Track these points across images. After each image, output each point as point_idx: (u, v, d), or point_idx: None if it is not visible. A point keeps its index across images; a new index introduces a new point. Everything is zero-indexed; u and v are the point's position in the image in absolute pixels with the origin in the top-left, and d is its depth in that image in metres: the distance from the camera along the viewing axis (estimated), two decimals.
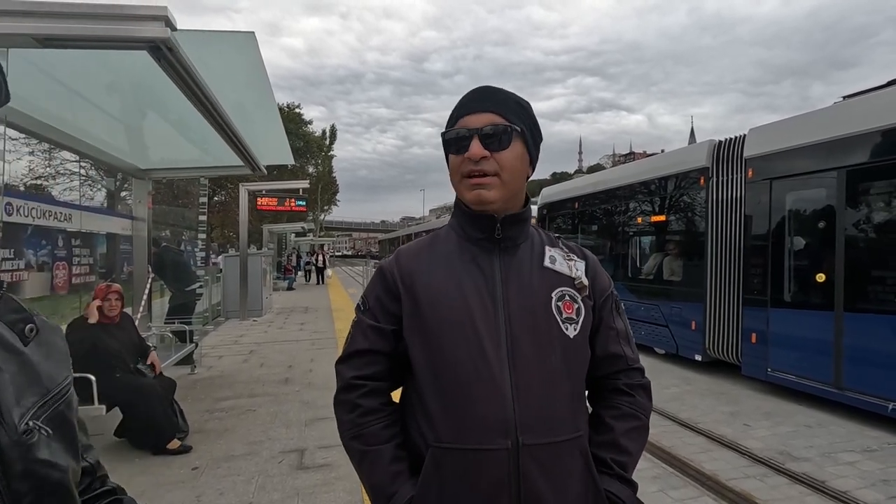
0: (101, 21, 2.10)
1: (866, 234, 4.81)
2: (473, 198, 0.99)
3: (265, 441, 3.91)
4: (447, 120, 1.05)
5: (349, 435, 1.01)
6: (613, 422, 1.03)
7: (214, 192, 23.50)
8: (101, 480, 0.73)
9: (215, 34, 3.54)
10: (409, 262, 1.04)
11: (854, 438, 4.23)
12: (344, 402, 1.03)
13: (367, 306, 1.05)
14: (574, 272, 1.04)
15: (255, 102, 4.76)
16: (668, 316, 7.21)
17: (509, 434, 0.90)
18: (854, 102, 5.24)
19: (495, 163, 0.97)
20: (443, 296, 0.98)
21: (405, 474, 0.96)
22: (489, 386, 0.92)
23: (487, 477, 0.90)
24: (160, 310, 7.24)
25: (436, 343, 0.96)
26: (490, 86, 1.03)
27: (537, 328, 0.96)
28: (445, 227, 1.11)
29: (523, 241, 1.05)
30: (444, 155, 1.06)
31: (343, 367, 1.05)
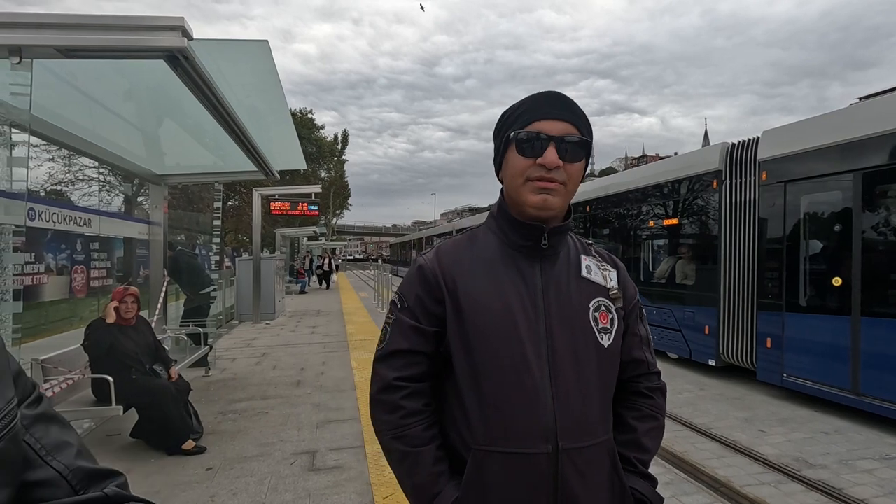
0: (122, 32, 2.17)
1: (884, 237, 4.73)
2: (539, 202, 0.98)
3: (277, 443, 3.95)
4: (509, 119, 1.02)
5: (390, 435, 1.01)
6: (636, 423, 1.08)
7: (228, 197, 23.80)
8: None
9: (230, 43, 3.61)
10: (451, 264, 1.03)
11: (872, 445, 4.15)
12: (385, 403, 1.02)
13: (406, 304, 1.04)
14: (609, 282, 1.07)
15: (269, 109, 4.83)
16: (682, 320, 7.15)
17: (549, 439, 0.93)
18: (870, 104, 5.16)
19: (564, 173, 0.98)
20: (487, 302, 0.99)
21: (447, 475, 0.98)
22: (531, 393, 0.94)
23: (528, 479, 0.93)
24: (175, 312, 7.36)
25: (479, 349, 0.97)
26: (562, 93, 1.02)
27: (575, 338, 0.99)
28: (482, 228, 1.10)
29: (562, 248, 1.07)
30: (497, 155, 1.06)
31: (383, 366, 1.04)
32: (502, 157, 1.04)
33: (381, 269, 14.68)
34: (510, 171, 1.02)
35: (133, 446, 3.90)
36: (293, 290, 18.69)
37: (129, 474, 0.78)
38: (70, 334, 5.30)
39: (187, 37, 2.17)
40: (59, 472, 0.53)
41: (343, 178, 44.63)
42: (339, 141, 43.78)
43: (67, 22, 2.04)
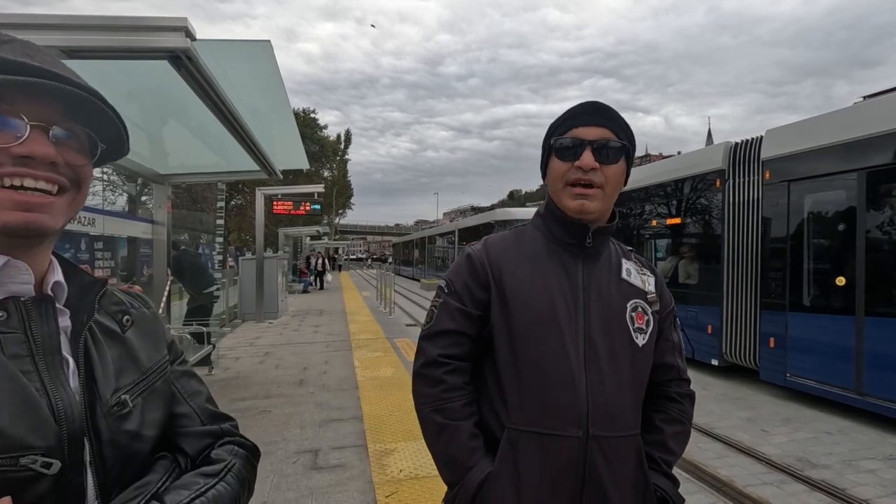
0: (125, 32, 2.17)
1: (888, 236, 4.70)
2: (576, 207, 1.05)
3: (280, 441, 3.96)
4: (553, 128, 1.11)
5: (431, 407, 1.06)
6: (664, 425, 1.13)
7: (231, 197, 23.87)
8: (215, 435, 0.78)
9: (233, 43, 3.62)
10: (497, 254, 1.10)
11: (875, 446, 4.14)
12: (427, 377, 1.07)
13: (453, 289, 1.11)
14: (647, 287, 1.13)
15: (272, 108, 4.84)
16: (684, 320, 7.13)
17: (581, 425, 0.99)
18: (874, 102, 5.14)
19: (602, 175, 1.04)
20: (530, 293, 1.05)
21: (482, 450, 1.04)
22: (567, 380, 1.00)
23: (559, 460, 0.99)
24: (179, 311, 7.39)
25: (521, 337, 1.03)
26: (601, 102, 1.09)
27: (612, 335, 1.05)
28: (529, 225, 1.18)
29: (604, 250, 1.13)
30: (542, 160, 1.15)
31: (428, 343, 1.10)
32: (546, 163, 1.12)
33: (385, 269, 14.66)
34: (552, 176, 1.10)
35: None
36: (296, 290, 18.73)
37: None
38: None
39: (190, 37, 2.17)
40: (193, 409, 0.78)
41: (346, 177, 44.67)
42: (342, 140, 43.82)
43: (71, 23, 2.05)
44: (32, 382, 0.57)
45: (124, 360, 0.69)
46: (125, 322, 0.73)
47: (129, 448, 0.65)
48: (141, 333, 0.74)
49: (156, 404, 0.71)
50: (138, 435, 0.66)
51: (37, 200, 0.60)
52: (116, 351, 0.68)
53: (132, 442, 0.65)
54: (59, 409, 0.58)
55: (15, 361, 0.58)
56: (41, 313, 0.61)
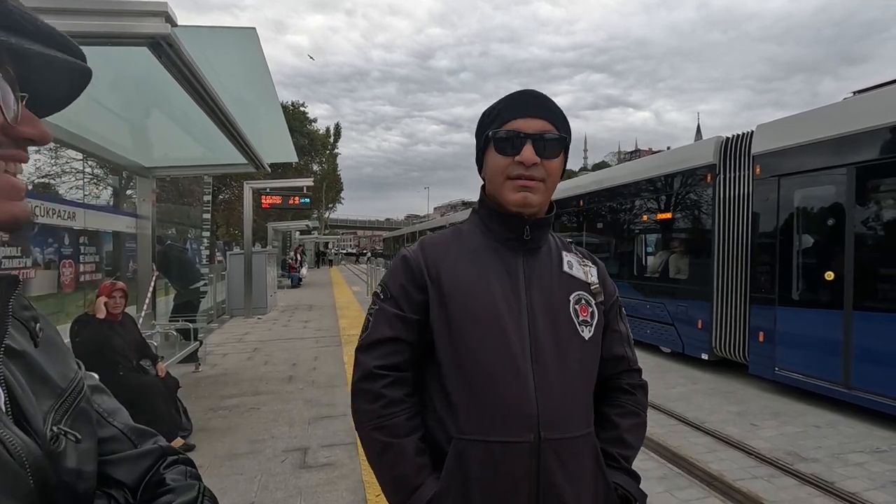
0: (103, 17, 2.08)
1: (876, 231, 4.74)
2: (520, 200, 1.01)
3: (268, 440, 3.91)
4: (488, 118, 1.06)
5: (371, 425, 0.99)
6: (618, 419, 1.09)
7: (219, 190, 23.57)
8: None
9: (216, 30, 3.51)
10: (434, 254, 1.05)
11: (863, 439, 4.18)
12: (366, 392, 1.00)
13: (390, 294, 1.04)
14: (589, 278, 1.09)
15: (258, 99, 4.74)
16: (675, 314, 7.16)
17: (532, 429, 0.93)
18: (863, 98, 5.16)
19: (543, 169, 1.00)
20: (470, 291, 1.00)
21: (429, 467, 0.97)
22: (514, 382, 0.95)
23: (510, 469, 0.93)
24: (165, 308, 7.27)
25: (463, 337, 0.98)
26: (538, 92, 1.05)
27: (557, 329, 1.00)
28: (467, 223, 1.13)
29: (544, 243, 1.09)
30: (478, 153, 1.09)
31: (365, 355, 1.03)
32: (483, 155, 1.07)
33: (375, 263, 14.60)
34: (490, 170, 1.04)
35: None
36: (284, 285, 18.58)
37: None
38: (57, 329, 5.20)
39: (171, 23, 2.09)
40: (121, 430, 0.65)
41: (336, 171, 44.37)
42: (332, 134, 43.48)
43: (44, 6, 1.96)
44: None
45: (36, 380, 0.54)
46: (37, 331, 0.57)
47: (76, 491, 0.53)
48: (49, 346, 0.60)
49: (85, 430, 0.57)
50: (80, 473, 0.54)
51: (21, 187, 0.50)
52: (25, 369, 0.53)
53: (78, 483, 0.53)
54: (21, 455, 0.46)
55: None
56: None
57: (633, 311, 8.01)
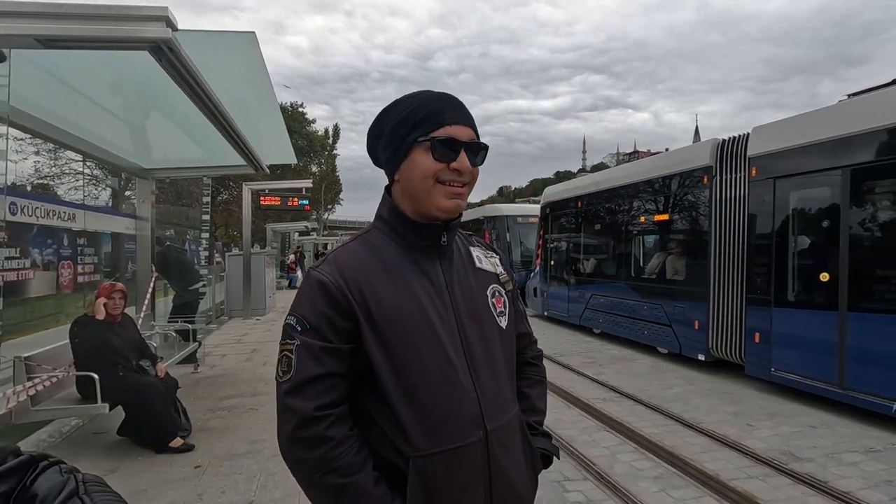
0: (103, 22, 2.11)
1: (871, 233, 4.77)
2: (452, 207, 1.01)
3: (267, 440, 3.92)
4: (413, 120, 1.00)
5: (321, 471, 0.91)
6: (529, 390, 1.20)
7: (218, 192, 23.57)
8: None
9: (216, 34, 3.55)
10: (353, 273, 0.98)
11: (858, 439, 4.21)
12: (307, 439, 0.92)
13: (309, 325, 0.95)
14: (497, 269, 1.16)
15: (257, 102, 4.77)
16: (672, 315, 7.19)
17: (480, 425, 0.98)
18: (859, 101, 5.20)
19: (470, 176, 1.03)
20: (400, 308, 0.97)
21: (389, 495, 0.93)
22: (458, 388, 0.97)
23: (468, 468, 0.96)
24: (164, 308, 7.28)
25: (403, 358, 0.95)
26: (454, 96, 1.05)
27: (482, 325, 1.05)
28: (375, 233, 1.07)
29: (454, 244, 1.11)
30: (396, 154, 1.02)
31: (296, 399, 0.93)
32: (402, 157, 1.01)
33: None
34: (417, 173, 0.99)
35: (120, 444, 3.85)
36: (283, 286, 18.58)
37: (115, 472, 0.77)
38: (55, 331, 5.22)
39: (171, 27, 2.12)
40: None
41: (334, 172, 44.37)
42: (330, 135, 43.50)
43: (46, 11, 1.98)
44: None
45: None
46: None
47: None
48: None
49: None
50: None
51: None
52: None
53: None
54: None
55: None
56: None
57: (631, 311, 8.04)
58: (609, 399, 5.41)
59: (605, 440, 4.25)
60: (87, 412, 3.89)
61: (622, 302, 8.28)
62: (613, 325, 8.52)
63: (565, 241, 10.52)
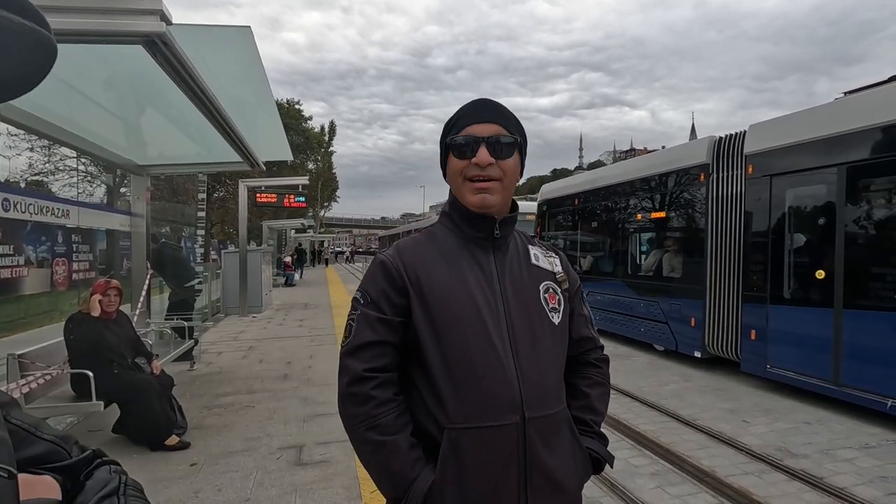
0: (96, 15, 2.08)
1: (866, 230, 4.79)
2: (478, 201, 1.08)
3: (263, 437, 3.91)
4: (448, 127, 1.14)
5: (364, 426, 1.03)
6: (588, 389, 1.21)
7: (214, 189, 23.46)
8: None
9: (211, 28, 3.51)
10: (412, 258, 1.09)
11: (852, 435, 4.23)
12: (355, 395, 1.04)
13: (370, 299, 1.08)
14: (555, 268, 1.20)
15: (253, 98, 4.74)
16: (668, 312, 7.21)
17: (517, 410, 1.02)
18: (854, 99, 5.21)
19: (499, 169, 1.08)
20: (450, 291, 1.06)
21: (423, 460, 1.03)
22: (498, 371, 1.03)
23: (500, 449, 1.01)
24: (160, 306, 7.25)
25: (448, 335, 1.04)
26: (491, 99, 1.14)
27: (531, 317, 1.09)
28: (438, 225, 1.18)
29: (511, 240, 1.17)
30: (441, 159, 1.16)
31: (351, 359, 1.06)
32: (445, 161, 1.14)
33: None
34: (451, 173, 1.12)
35: (115, 442, 3.83)
36: (279, 283, 18.53)
37: None
38: (49, 328, 5.19)
39: (166, 21, 2.09)
40: (53, 442, 0.62)
41: (331, 169, 44.24)
42: (327, 132, 43.35)
43: (38, 3, 1.96)
44: None
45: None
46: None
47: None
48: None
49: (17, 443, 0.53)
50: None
51: None
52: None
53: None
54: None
55: None
56: None
57: (627, 309, 8.06)
58: None
59: None
60: (81, 410, 3.87)
61: (619, 299, 8.30)
62: (610, 322, 8.54)
63: (562, 239, 10.53)
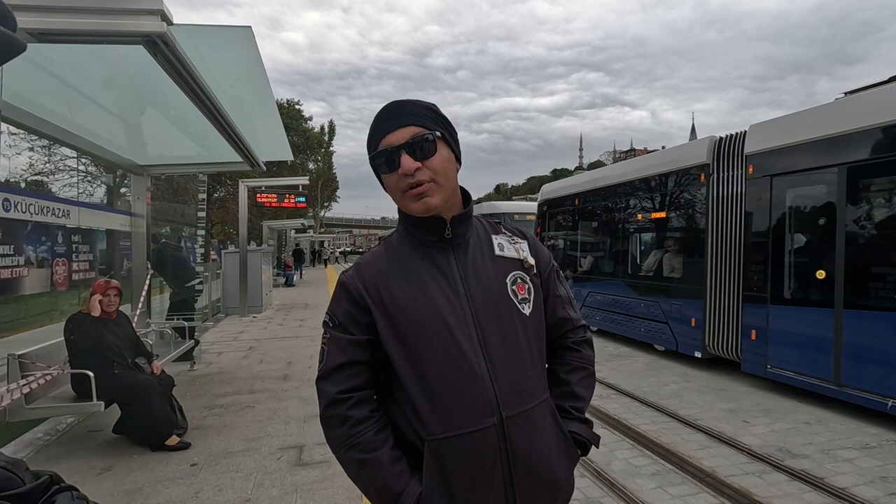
0: (97, 15, 2.08)
1: (866, 231, 4.79)
2: (420, 207, 1.05)
3: (264, 437, 3.91)
4: (368, 145, 1.10)
5: (345, 446, 1.04)
6: (567, 376, 1.20)
7: (214, 189, 23.46)
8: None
9: (212, 28, 3.51)
10: (370, 274, 1.09)
11: (853, 435, 4.23)
12: (332, 417, 1.05)
13: (337, 321, 1.09)
14: (522, 254, 1.16)
15: (254, 98, 4.74)
16: (668, 313, 7.21)
17: (494, 412, 1.01)
18: (855, 98, 5.21)
19: (428, 171, 1.04)
20: (411, 301, 1.04)
21: (407, 472, 1.02)
22: (470, 375, 1.01)
23: (482, 453, 1.01)
24: (160, 306, 7.25)
25: (414, 346, 1.03)
26: (397, 101, 1.09)
27: (499, 313, 1.07)
28: (395, 234, 1.17)
29: (471, 235, 1.14)
30: (376, 176, 1.12)
31: (325, 384, 1.07)
32: (380, 178, 1.12)
33: None
34: (388, 188, 1.09)
35: (115, 442, 3.83)
36: (279, 283, 18.53)
37: (111, 471, 0.77)
38: (49, 328, 5.18)
39: (167, 21, 2.09)
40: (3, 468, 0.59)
41: (331, 169, 44.25)
42: (326, 132, 43.35)
43: (39, 4, 1.95)
44: None
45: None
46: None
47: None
48: None
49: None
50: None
51: None
52: None
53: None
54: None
55: None
56: None
57: (628, 309, 8.06)
58: (606, 396, 5.42)
59: (602, 437, 4.23)
60: (82, 410, 3.86)
61: (619, 299, 8.30)
62: (610, 322, 8.54)
63: (562, 239, 10.53)
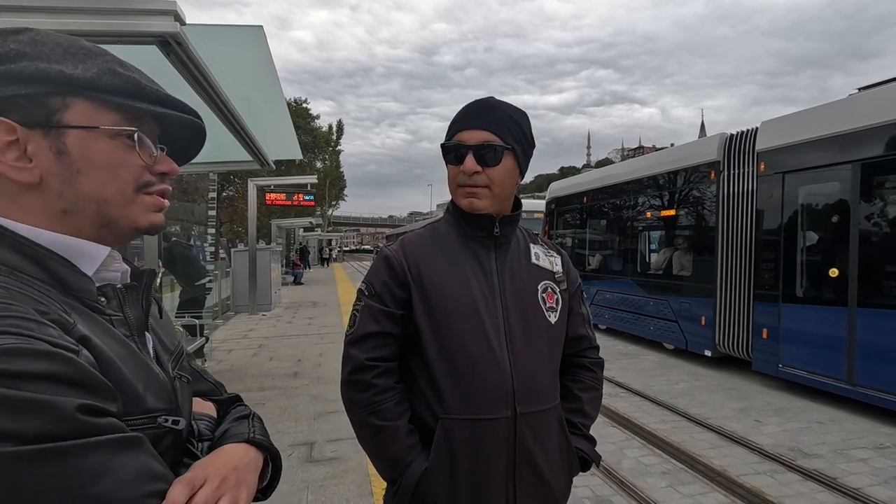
0: (112, 16, 2.11)
1: (881, 228, 4.72)
2: (466, 205, 1.12)
3: (275, 434, 3.93)
4: (447, 129, 1.16)
5: (365, 412, 1.08)
6: (580, 393, 1.25)
7: (223, 188, 23.63)
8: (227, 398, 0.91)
9: (224, 28, 3.54)
10: (414, 253, 1.13)
11: (867, 435, 4.18)
12: (357, 382, 1.09)
13: (374, 291, 1.13)
14: (554, 267, 1.22)
15: (264, 97, 4.76)
16: (678, 311, 7.16)
17: (509, 405, 1.07)
18: (869, 94, 5.14)
19: (486, 177, 1.09)
20: (449, 286, 1.10)
21: (419, 446, 1.08)
22: (493, 366, 1.07)
23: (492, 441, 1.06)
24: (171, 304, 7.31)
25: (446, 329, 1.08)
26: (487, 100, 1.15)
27: (527, 315, 1.13)
28: (442, 221, 1.22)
29: (513, 238, 1.20)
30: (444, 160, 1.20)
31: (354, 349, 1.11)
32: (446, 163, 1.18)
33: None
34: (448, 176, 1.16)
35: None
36: (287, 282, 18.63)
37: None
38: None
39: (180, 21, 2.11)
40: (214, 384, 0.90)
41: (339, 168, 44.40)
42: (334, 131, 43.48)
43: (55, 5, 1.98)
44: None
45: (162, 341, 0.77)
46: (161, 307, 0.82)
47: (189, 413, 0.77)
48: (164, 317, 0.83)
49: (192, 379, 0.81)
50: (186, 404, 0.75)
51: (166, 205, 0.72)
52: (156, 331, 0.76)
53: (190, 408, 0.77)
54: (165, 379, 0.68)
55: None
56: (132, 298, 0.69)
57: (637, 307, 8.02)
58: (616, 395, 5.40)
59: (612, 436, 4.24)
60: None
61: (628, 298, 8.25)
62: (619, 321, 8.50)
63: (570, 237, 10.49)
